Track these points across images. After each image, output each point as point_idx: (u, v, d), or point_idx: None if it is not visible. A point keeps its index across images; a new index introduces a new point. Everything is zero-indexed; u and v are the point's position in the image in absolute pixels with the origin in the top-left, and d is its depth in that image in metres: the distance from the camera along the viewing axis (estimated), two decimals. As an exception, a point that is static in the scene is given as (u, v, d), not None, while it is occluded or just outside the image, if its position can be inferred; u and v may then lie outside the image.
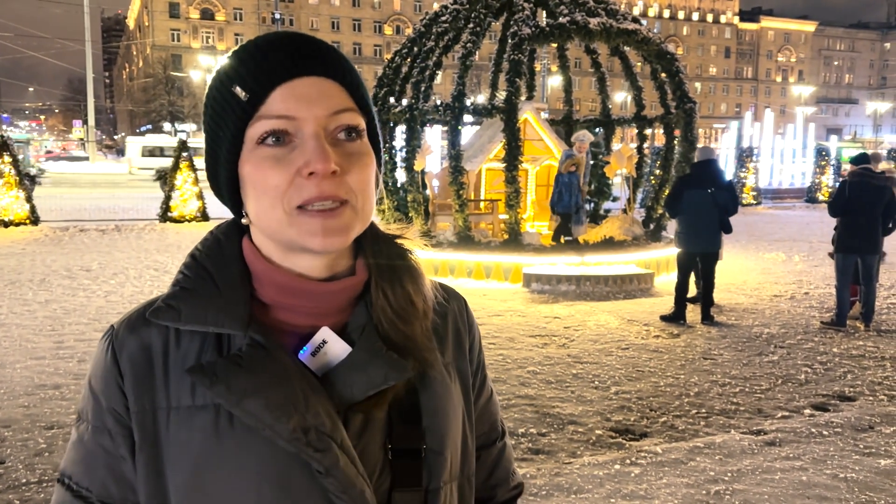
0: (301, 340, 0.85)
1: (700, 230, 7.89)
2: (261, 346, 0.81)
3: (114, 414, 0.84)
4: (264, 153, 0.80)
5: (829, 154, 27.34)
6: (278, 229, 0.81)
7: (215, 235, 0.91)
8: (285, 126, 0.79)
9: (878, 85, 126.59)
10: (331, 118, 0.80)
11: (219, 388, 0.78)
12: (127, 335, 0.85)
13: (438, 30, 11.80)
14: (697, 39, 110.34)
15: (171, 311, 0.83)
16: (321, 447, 0.78)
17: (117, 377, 0.83)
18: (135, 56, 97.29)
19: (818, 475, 4.17)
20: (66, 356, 6.42)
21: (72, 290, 9.34)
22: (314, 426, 0.78)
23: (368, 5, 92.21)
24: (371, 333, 0.85)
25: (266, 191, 0.80)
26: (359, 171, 0.82)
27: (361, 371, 0.83)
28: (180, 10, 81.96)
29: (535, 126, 12.56)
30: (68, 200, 20.82)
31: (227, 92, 0.81)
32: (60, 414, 5.02)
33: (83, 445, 0.86)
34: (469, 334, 1.01)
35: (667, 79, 11.73)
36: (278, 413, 0.77)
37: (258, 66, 0.80)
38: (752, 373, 6.22)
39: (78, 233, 15.32)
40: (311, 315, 0.86)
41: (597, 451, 4.53)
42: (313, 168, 0.78)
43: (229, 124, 0.81)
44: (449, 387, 0.92)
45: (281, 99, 0.79)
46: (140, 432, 0.82)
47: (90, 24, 50.42)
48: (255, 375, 0.79)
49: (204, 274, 0.86)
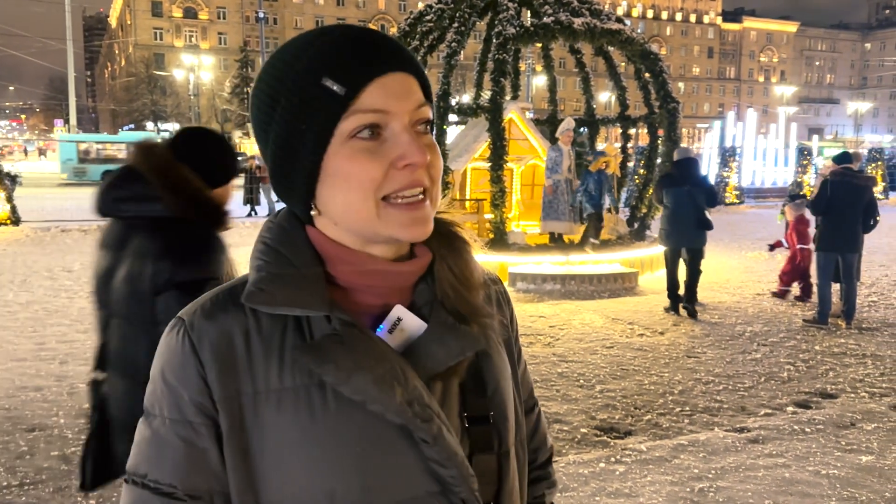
0: (375, 320, 0.88)
1: (682, 227, 8.22)
2: (352, 325, 0.84)
3: (196, 405, 0.83)
4: (359, 146, 0.82)
5: (812, 153, 27.58)
6: (367, 221, 0.84)
7: (279, 223, 0.91)
8: (378, 119, 0.82)
9: (858, 85, 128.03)
10: (415, 112, 0.84)
11: (328, 367, 0.81)
12: (204, 324, 0.84)
13: (423, 29, 11.79)
14: (680, 40, 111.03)
15: (264, 294, 0.84)
16: (426, 417, 0.82)
17: (198, 367, 0.83)
18: (117, 55, 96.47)
19: (801, 472, 4.21)
20: (48, 358, 6.36)
21: (53, 291, 9.25)
22: (416, 398, 0.82)
23: (353, 4, 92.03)
24: (439, 310, 0.90)
25: (362, 182, 0.82)
26: (436, 160, 0.86)
27: (440, 344, 0.87)
28: (163, 9, 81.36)
29: (519, 126, 12.59)
30: (50, 201, 20.62)
31: (315, 85, 0.81)
32: (42, 416, 4.97)
33: (160, 440, 0.84)
34: (509, 310, 1.07)
35: (650, 79, 11.79)
36: (385, 387, 0.81)
37: (350, 60, 0.82)
38: (735, 371, 6.26)
39: (60, 233, 15.17)
40: (381, 295, 0.89)
41: (582, 450, 4.55)
42: (411, 160, 0.81)
43: (318, 117, 0.82)
44: (503, 356, 0.99)
45: (375, 94, 0.81)
46: (228, 420, 0.83)
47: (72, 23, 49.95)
48: (357, 352, 0.82)
49: (282, 259, 0.87)
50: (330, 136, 0.82)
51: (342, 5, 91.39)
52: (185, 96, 69.64)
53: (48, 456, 4.33)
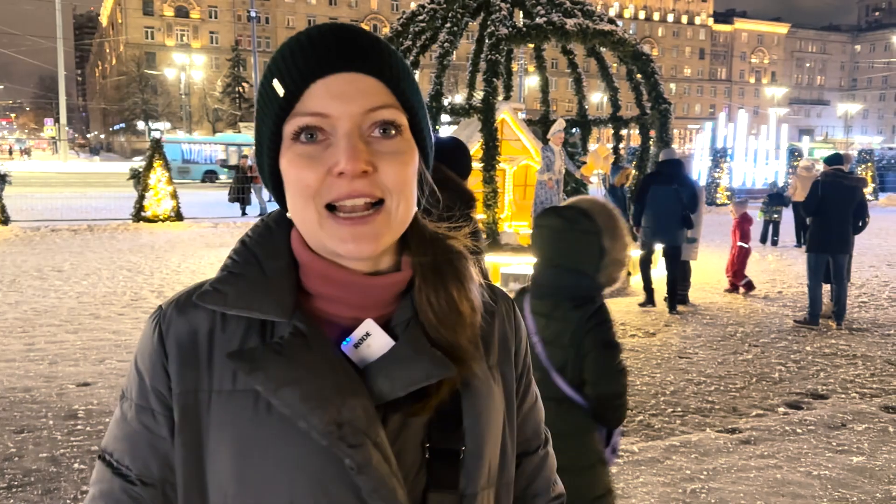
0: (344, 332, 0.84)
1: (663, 224, 8.37)
2: (302, 335, 0.81)
3: (157, 394, 0.84)
4: (298, 150, 0.79)
5: (802, 154, 27.72)
6: (311, 228, 0.81)
7: (266, 223, 0.90)
8: (319, 123, 0.78)
9: (848, 87, 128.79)
10: (366, 115, 0.79)
11: (257, 375, 0.78)
12: (175, 316, 0.85)
13: (415, 29, 11.77)
14: (672, 41, 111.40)
15: (217, 294, 0.83)
16: (354, 443, 0.77)
17: (162, 357, 0.84)
18: (108, 54, 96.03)
19: (792, 473, 4.22)
20: (37, 358, 6.31)
21: (43, 291, 9.18)
22: (349, 421, 0.77)
23: (345, 4, 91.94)
24: (415, 329, 0.84)
25: (299, 189, 0.80)
26: (395, 168, 0.80)
27: (403, 367, 0.81)
28: (154, 8, 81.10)
29: (512, 126, 12.58)
30: (39, 200, 20.48)
31: (268, 86, 0.81)
32: (31, 417, 4.93)
33: (126, 423, 0.86)
34: (516, 338, 0.99)
35: (642, 80, 11.82)
36: (313, 404, 0.77)
37: (296, 61, 0.79)
38: (726, 371, 6.28)
39: (49, 233, 15.08)
40: (356, 307, 0.85)
41: (574, 451, 4.54)
42: (342, 168, 0.77)
43: (268, 119, 0.81)
44: (492, 389, 0.91)
45: (315, 96, 0.78)
46: (181, 414, 0.82)
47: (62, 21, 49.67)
48: (294, 365, 0.78)
49: (252, 260, 0.86)
50: (279, 139, 0.81)
51: (334, 5, 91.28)
52: (176, 95, 69.47)
53: (36, 458, 4.29)
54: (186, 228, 16.28)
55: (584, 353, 2.27)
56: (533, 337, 2.32)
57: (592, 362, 2.26)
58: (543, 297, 2.37)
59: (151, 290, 9.44)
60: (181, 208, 17.28)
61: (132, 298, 8.86)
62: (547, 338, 2.32)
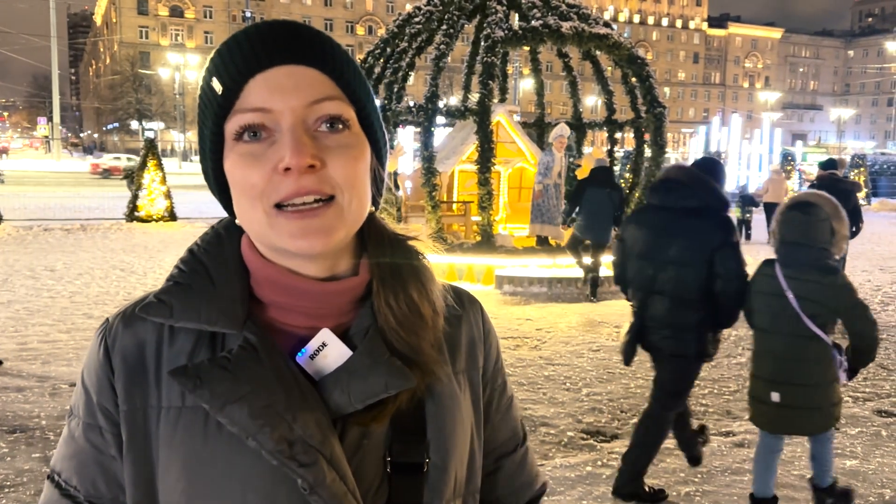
0: (299, 342, 0.80)
1: (596, 222, 9.18)
2: (253, 347, 0.77)
3: (104, 410, 0.80)
4: (241, 150, 0.76)
5: (795, 159, 27.87)
6: (260, 230, 0.77)
7: (216, 230, 0.86)
8: (261, 120, 0.75)
9: (841, 92, 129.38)
10: (309, 109, 0.75)
11: (202, 392, 0.74)
12: (121, 330, 0.81)
13: (411, 31, 11.78)
14: (667, 45, 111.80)
15: (162, 306, 0.79)
16: (307, 461, 0.73)
17: (108, 373, 0.80)
18: (102, 53, 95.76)
19: (786, 476, 4.23)
20: (30, 358, 6.28)
21: (35, 291, 9.15)
22: (301, 438, 0.73)
23: (341, 5, 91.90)
24: (375, 338, 0.80)
25: (244, 190, 0.76)
26: (344, 163, 0.76)
27: (361, 378, 0.77)
28: (149, 7, 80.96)
29: (507, 128, 12.60)
30: (33, 199, 20.43)
31: (206, 86, 0.77)
32: (23, 418, 4.90)
33: (74, 442, 0.83)
34: (485, 342, 0.95)
35: (637, 83, 11.86)
36: (262, 422, 0.73)
37: (233, 58, 0.76)
38: (720, 374, 6.29)
39: (42, 232, 15.02)
40: (312, 316, 0.81)
41: (568, 453, 4.55)
42: (288, 163, 0.73)
43: (208, 120, 0.77)
44: (458, 398, 0.87)
45: (255, 91, 0.75)
46: (129, 431, 0.79)
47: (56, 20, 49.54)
48: (242, 380, 0.74)
49: (200, 269, 0.82)
50: (221, 139, 0.78)
51: (330, 6, 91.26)
52: (170, 95, 69.19)
53: (29, 458, 4.27)
54: (180, 228, 16.24)
55: (841, 308, 3.37)
56: (788, 293, 3.41)
57: (855, 316, 3.35)
58: (793, 266, 3.45)
59: (145, 290, 9.38)
60: (175, 208, 17.24)
61: (125, 298, 8.83)
62: (800, 294, 3.39)
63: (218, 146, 0.78)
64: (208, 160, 0.80)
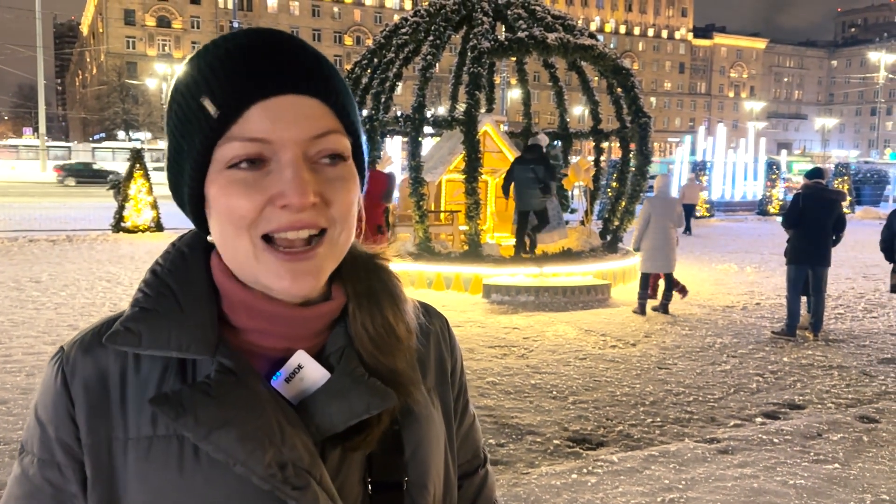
0: (274, 365, 0.77)
1: (524, 193, 10.54)
2: (231, 372, 0.73)
3: (63, 446, 0.75)
4: (234, 177, 0.71)
5: (780, 168, 28.10)
6: (243, 262, 0.74)
7: (178, 249, 0.81)
8: (260, 150, 0.71)
9: (825, 101, 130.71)
10: (312, 142, 0.72)
11: (185, 421, 0.70)
12: (80, 359, 0.76)
13: (398, 42, 11.84)
14: (652, 55, 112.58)
15: (129, 334, 0.74)
16: (299, 484, 0.71)
17: (68, 405, 0.75)
18: (88, 63, 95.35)
19: (769, 482, 4.27)
20: (14, 370, 6.24)
21: (20, 303, 9.08)
22: (291, 461, 0.71)
23: (328, 16, 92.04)
24: (351, 358, 0.79)
25: (232, 219, 0.72)
26: (342, 198, 0.74)
27: (342, 399, 0.76)
28: (136, 17, 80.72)
29: (494, 138, 12.66)
30: (18, 210, 20.29)
31: (194, 103, 0.72)
32: (6, 430, 4.87)
33: (28, 481, 0.77)
34: (451, 357, 0.94)
35: (623, 93, 11.96)
36: (252, 447, 0.70)
37: (231, 78, 0.71)
38: (705, 382, 6.34)
39: (27, 243, 14.91)
40: (285, 338, 0.78)
41: (554, 461, 4.57)
42: (288, 201, 0.70)
43: (195, 140, 0.72)
44: (432, 414, 0.86)
45: (257, 119, 0.70)
46: (93, 466, 0.74)
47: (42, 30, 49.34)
48: (226, 405, 0.71)
49: (166, 292, 0.77)
50: (207, 162, 0.73)
51: (317, 16, 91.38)
52: (157, 105, 68.93)
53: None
54: (167, 239, 16.05)
55: None
56: None
57: None
58: None
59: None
60: (162, 219, 17.16)
61: (111, 310, 8.78)
62: None
63: (202, 165, 0.73)
64: (187, 176, 0.75)
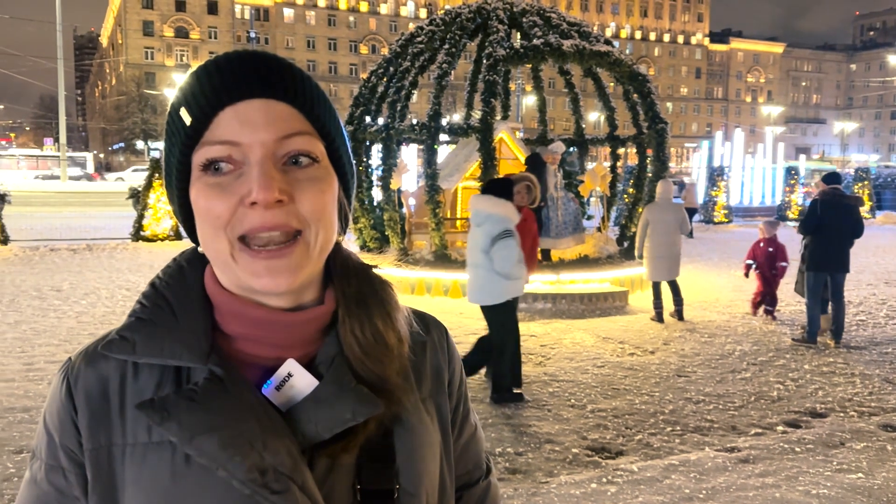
0: (266, 373, 0.80)
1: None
2: (219, 379, 0.76)
3: (67, 451, 0.80)
4: (208, 181, 0.76)
5: (799, 173, 27.86)
6: (223, 262, 0.78)
7: (178, 263, 0.87)
8: (230, 153, 0.75)
9: (844, 105, 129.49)
10: (279, 143, 0.75)
11: (170, 425, 0.73)
12: (83, 368, 0.81)
13: (414, 50, 11.88)
14: (669, 60, 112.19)
15: (124, 343, 0.79)
16: (279, 489, 0.72)
17: (71, 412, 0.80)
18: (108, 74, 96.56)
19: (791, 492, 4.22)
20: (36, 378, 6.31)
21: (42, 311, 9.19)
22: (273, 466, 0.73)
23: (344, 25, 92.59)
24: (341, 366, 0.80)
25: (208, 220, 0.76)
26: (312, 198, 0.77)
27: (328, 406, 0.77)
28: (154, 28, 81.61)
29: (509, 145, 12.66)
30: (39, 219, 20.53)
31: (175, 114, 0.77)
32: (30, 438, 4.92)
33: (36, 485, 0.82)
34: (449, 367, 0.95)
35: (639, 99, 11.91)
36: (232, 451, 0.72)
37: (203, 89, 0.75)
38: (725, 390, 6.28)
39: (48, 252, 15.09)
40: (277, 347, 0.81)
41: (573, 470, 4.54)
42: (255, 197, 0.73)
43: (175, 149, 0.78)
44: (425, 423, 0.87)
45: (225, 124, 0.75)
46: (94, 471, 0.78)
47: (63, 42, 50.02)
48: (211, 411, 0.74)
49: (162, 303, 0.82)
50: (188, 169, 0.78)
51: (333, 26, 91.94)
52: (175, 115, 69.68)
53: (36, 478, 4.29)
54: (185, 248, 16.26)
55: None
56: None
57: None
58: None
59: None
60: (180, 228, 17.26)
61: (131, 318, 8.86)
62: None
63: (184, 175, 0.78)
64: (174, 188, 0.80)
